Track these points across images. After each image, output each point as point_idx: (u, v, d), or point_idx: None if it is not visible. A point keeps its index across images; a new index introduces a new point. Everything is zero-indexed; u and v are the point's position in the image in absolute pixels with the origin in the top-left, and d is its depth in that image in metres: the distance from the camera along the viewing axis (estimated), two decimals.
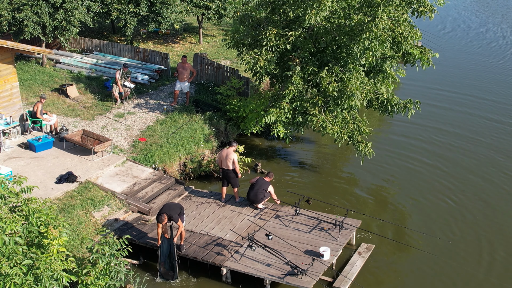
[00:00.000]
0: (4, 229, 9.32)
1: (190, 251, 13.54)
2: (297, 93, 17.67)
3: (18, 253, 9.30)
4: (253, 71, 18.02)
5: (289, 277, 12.44)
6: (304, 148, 20.40)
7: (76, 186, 15.34)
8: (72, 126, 18.72)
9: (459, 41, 34.71)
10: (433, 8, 17.71)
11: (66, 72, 23.41)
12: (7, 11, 21.32)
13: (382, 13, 16.21)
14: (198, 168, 17.90)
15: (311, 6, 16.49)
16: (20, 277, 9.05)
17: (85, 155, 16.82)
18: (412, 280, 13.61)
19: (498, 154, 19.70)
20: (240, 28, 19.46)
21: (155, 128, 18.87)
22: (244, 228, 14.43)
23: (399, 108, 18.02)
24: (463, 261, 14.17)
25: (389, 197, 17.17)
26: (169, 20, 25.23)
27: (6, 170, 15.00)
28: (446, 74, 27.80)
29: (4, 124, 17.10)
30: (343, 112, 17.79)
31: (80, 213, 14.38)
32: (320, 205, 15.58)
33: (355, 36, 16.43)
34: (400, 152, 19.90)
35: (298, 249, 13.41)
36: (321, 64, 17.97)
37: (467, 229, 15.47)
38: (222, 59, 26.51)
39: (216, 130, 19.44)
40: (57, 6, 21.92)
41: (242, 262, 13.04)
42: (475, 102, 24.56)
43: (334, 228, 14.26)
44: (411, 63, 18.45)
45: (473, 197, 17.01)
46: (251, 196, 15.29)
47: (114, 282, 11.14)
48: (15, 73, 17.81)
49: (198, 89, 22.49)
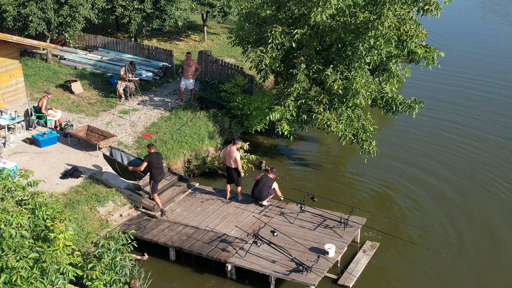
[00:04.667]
0: (11, 222, 9.32)
1: (195, 247, 13.53)
2: (302, 91, 17.66)
3: (24, 246, 9.30)
4: (258, 69, 18.01)
5: (294, 274, 12.43)
6: (308, 146, 20.39)
7: (81, 181, 15.34)
8: (76, 122, 18.72)
9: (464, 41, 34.67)
10: (439, 6, 17.67)
11: (70, 68, 23.42)
12: (12, 6, 21.33)
13: (388, 11, 16.18)
14: (203, 165, 17.89)
15: (316, 4, 16.46)
16: (26, 270, 9.05)
17: (89, 151, 16.82)
18: (417, 278, 13.60)
19: (504, 151, 19.68)
20: (245, 25, 19.44)
21: (160, 124, 18.86)
22: (249, 225, 14.42)
23: (404, 107, 18.00)
24: (469, 259, 14.15)
25: (394, 195, 17.16)
26: (174, 17, 25.23)
27: (11, 165, 15.00)
28: (450, 73, 27.77)
29: (9, 119, 17.11)
30: (347, 110, 17.77)
31: (85, 208, 14.38)
32: (325, 203, 15.56)
33: (361, 34, 16.41)
34: (405, 150, 19.88)
35: (303, 246, 13.40)
36: (326, 62, 17.95)
37: (473, 227, 15.45)
38: (226, 57, 26.49)
39: (220, 127, 19.43)
40: (62, 2, 21.93)
41: (247, 258, 13.03)
42: (480, 100, 24.54)
43: (339, 225, 14.25)
44: (416, 62, 18.42)
45: (479, 195, 16.99)
46: (256, 193, 15.29)
47: (119, 277, 11.16)
48: (21, 68, 17.82)
49: (203, 87, 22.48)
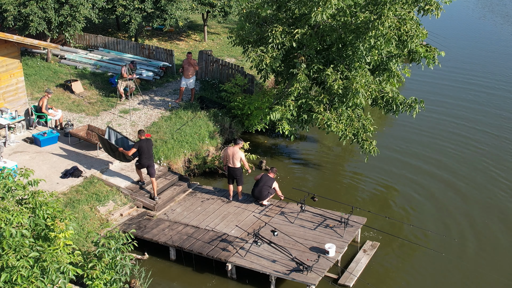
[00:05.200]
0: (11, 221, 9.32)
1: (195, 246, 13.53)
2: (302, 91, 17.66)
3: (25, 245, 9.30)
4: (258, 69, 18.01)
5: (295, 273, 12.43)
6: (309, 145, 20.39)
7: (81, 180, 15.35)
8: (77, 122, 18.72)
9: (464, 40, 34.68)
10: (439, 6, 17.67)
11: (70, 68, 23.43)
12: (13, 6, 21.34)
13: (388, 11, 16.18)
14: (203, 165, 17.90)
15: (317, 4, 16.46)
16: (26, 269, 9.05)
17: (90, 150, 16.82)
18: (417, 277, 13.59)
19: (506, 151, 19.70)
20: (246, 25, 19.44)
21: (160, 124, 18.86)
22: (250, 224, 14.42)
23: (404, 107, 18.00)
24: (470, 260, 14.14)
25: (394, 195, 17.16)
26: (174, 17, 25.24)
27: (12, 164, 15.00)
28: (450, 73, 27.78)
29: (10, 118, 17.11)
30: (348, 110, 17.77)
31: (85, 208, 14.38)
32: (326, 202, 15.56)
33: (361, 34, 16.42)
34: (405, 150, 19.88)
35: (303, 246, 13.40)
36: (326, 61, 17.96)
37: (474, 227, 15.45)
38: (226, 56, 26.50)
39: (221, 127, 19.43)
40: (62, 2, 21.95)
41: (247, 258, 13.03)
42: (481, 100, 24.54)
43: (340, 225, 14.25)
44: (417, 61, 18.42)
45: (480, 195, 16.99)
46: (256, 192, 15.28)
47: (120, 276, 11.17)
48: (21, 68, 17.82)
49: (203, 86, 22.48)
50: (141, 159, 15.09)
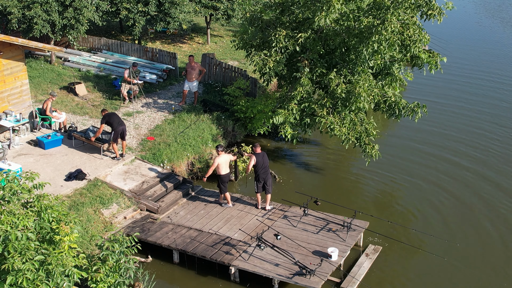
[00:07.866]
0: (17, 224, 9.39)
1: (199, 250, 13.59)
2: (305, 95, 17.72)
3: (30, 248, 9.34)
4: (261, 73, 18.07)
5: (298, 277, 12.48)
6: (311, 149, 20.44)
7: (85, 183, 15.41)
8: (80, 124, 18.79)
9: (466, 45, 34.72)
10: (442, 12, 17.73)
11: (74, 70, 23.50)
12: (17, 8, 21.43)
13: (392, 16, 16.25)
14: (206, 168, 17.92)
15: (320, 8, 16.52)
16: (32, 272, 9.10)
17: (94, 153, 16.89)
18: (420, 282, 13.63)
19: (509, 156, 19.73)
20: (249, 29, 19.50)
21: (164, 127, 18.93)
22: (253, 228, 14.48)
23: (407, 112, 18.05)
24: (472, 264, 14.18)
25: (397, 199, 17.20)
26: (178, 20, 25.31)
27: (16, 167, 15.07)
28: (452, 77, 27.83)
29: (14, 121, 17.19)
30: (351, 114, 17.83)
31: (89, 211, 14.45)
32: (328, 206, 15.60)
33: (364, 39, 16.47)
34: (407, 154, 19.92)
35: (306, 250, 13.45)
36: (329, 66, 18.02)
37: (475, 232, 15.49)
38: (229, 59, 26.57)
39: (223, 130, 19.49)
40: (66, 4, 22.01)
41: (250, 261, 13.08)
42: (483, 105, 24.58)
43: (342, 229, 14.30)
44: (419, 66, 18.47)
45: (483, 200, 17.02)
46: (263, 174, 15.17)
47: (124, 279, 11.20)
48: (25, 70, 17.89)
49: (206, 89, 22.55)
50: (113, 128, 16.36)
